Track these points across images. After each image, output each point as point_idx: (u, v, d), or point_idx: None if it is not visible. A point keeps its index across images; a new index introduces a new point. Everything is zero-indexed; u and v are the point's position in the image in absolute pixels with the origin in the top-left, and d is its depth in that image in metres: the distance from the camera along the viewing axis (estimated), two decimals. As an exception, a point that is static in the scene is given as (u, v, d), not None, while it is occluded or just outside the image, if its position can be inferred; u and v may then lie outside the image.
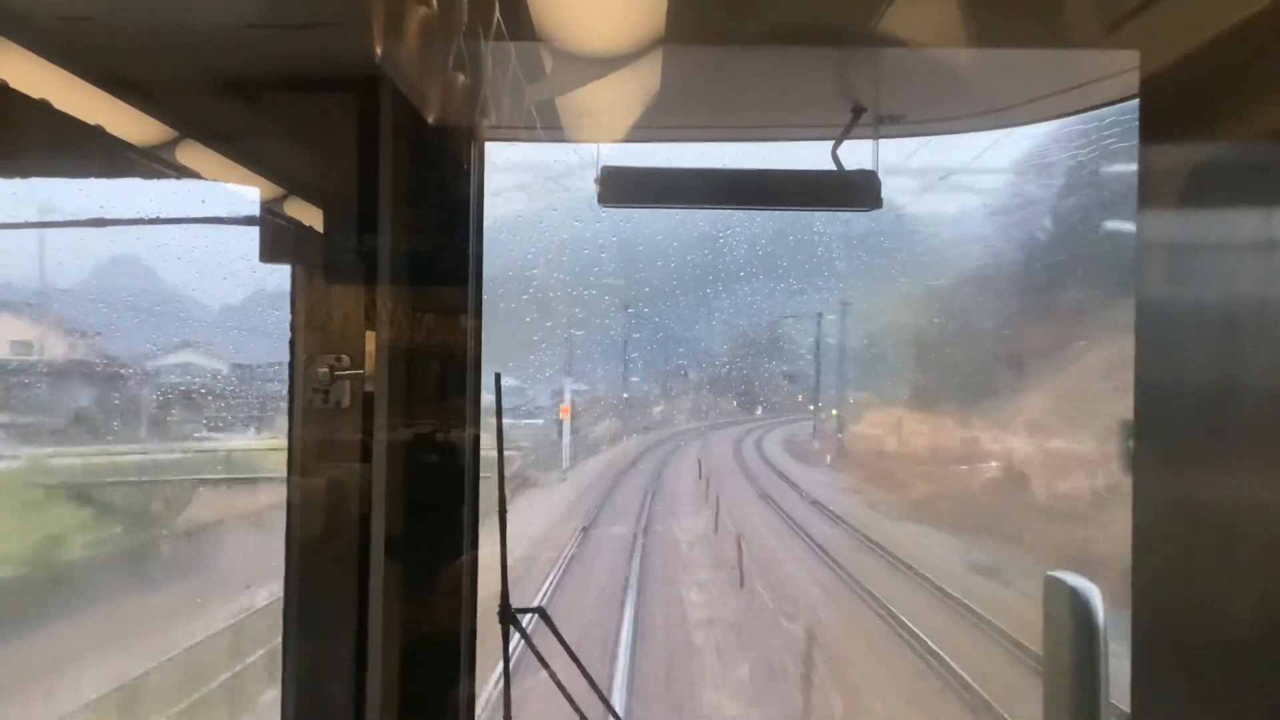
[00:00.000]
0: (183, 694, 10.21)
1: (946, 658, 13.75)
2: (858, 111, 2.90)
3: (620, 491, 27.06)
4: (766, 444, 35.70)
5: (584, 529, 22.15)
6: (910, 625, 15.28)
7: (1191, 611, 2.04)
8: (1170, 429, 2.11)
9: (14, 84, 2.27)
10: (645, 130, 3.23)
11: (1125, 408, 2.22)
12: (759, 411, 36.12)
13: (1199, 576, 2.01)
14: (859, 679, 13.76)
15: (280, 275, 2.77)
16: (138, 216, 3.01)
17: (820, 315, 27.44)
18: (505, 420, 2.66)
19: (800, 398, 33.28)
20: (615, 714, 2.53)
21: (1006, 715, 11.83)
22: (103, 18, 2.31)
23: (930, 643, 14.40)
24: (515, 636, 2.57)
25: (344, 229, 2.71)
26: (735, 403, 35.01)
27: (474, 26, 2.21)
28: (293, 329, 2.74)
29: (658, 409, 34.23)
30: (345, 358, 2.66)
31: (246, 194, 2.84)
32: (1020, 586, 16.38)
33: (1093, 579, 2.01)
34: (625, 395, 31.36)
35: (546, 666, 2.64)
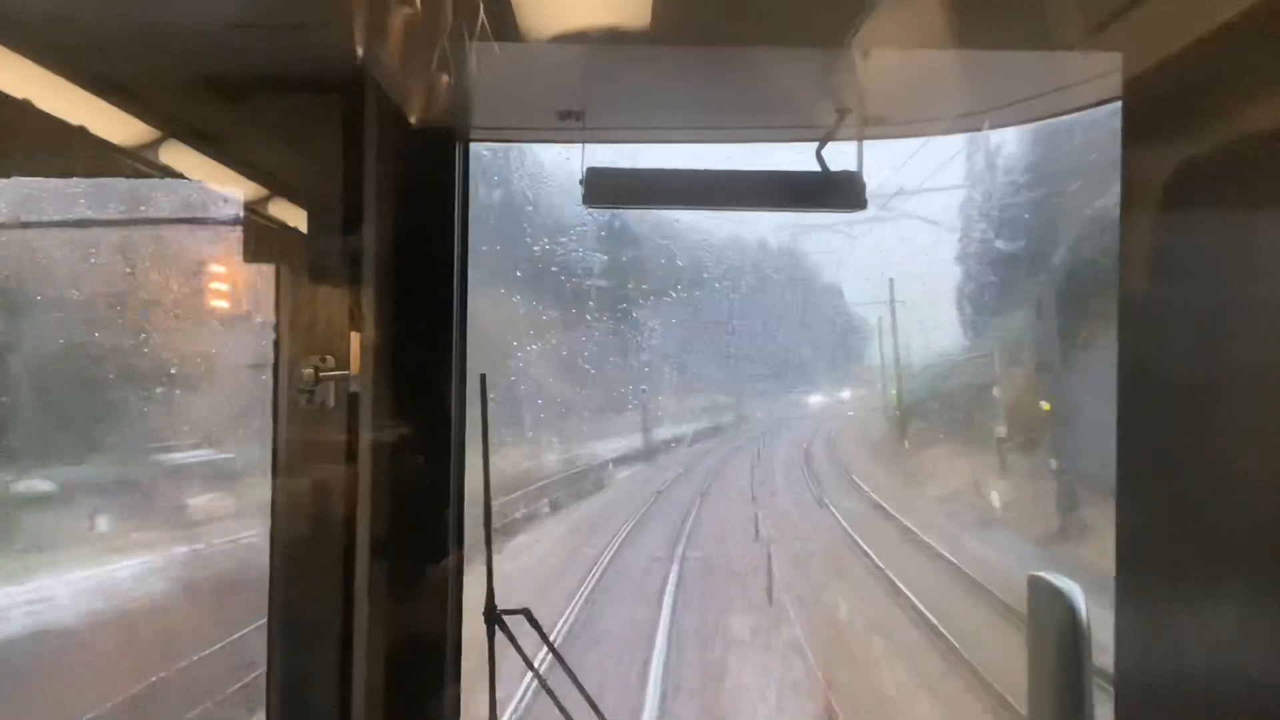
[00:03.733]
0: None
1: None
2: (842, 113, 2.90)
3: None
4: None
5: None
6: None
7: (1177, 611, 2.05)
8: (1153, 431, 2.12)
9: (-6, 84, 2.26)
10: (630, 132, 3.23)
11: None
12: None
13: (1184, 576, 2.03)
14: None
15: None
16: (120, 217, 2.99)
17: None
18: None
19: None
20: (601, 716, 2.54)
21: None
22: (85, 17, 2.29)
23: None
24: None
25: (328, 230, 2.71)
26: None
27: (458, 27, 2.20)
28: (277, 330, 2.73)
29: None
30: (330, 359, 2.65)
31: (230, 194, 2.82)
32: None
33: None
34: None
35: (532, 668, 2.64)
